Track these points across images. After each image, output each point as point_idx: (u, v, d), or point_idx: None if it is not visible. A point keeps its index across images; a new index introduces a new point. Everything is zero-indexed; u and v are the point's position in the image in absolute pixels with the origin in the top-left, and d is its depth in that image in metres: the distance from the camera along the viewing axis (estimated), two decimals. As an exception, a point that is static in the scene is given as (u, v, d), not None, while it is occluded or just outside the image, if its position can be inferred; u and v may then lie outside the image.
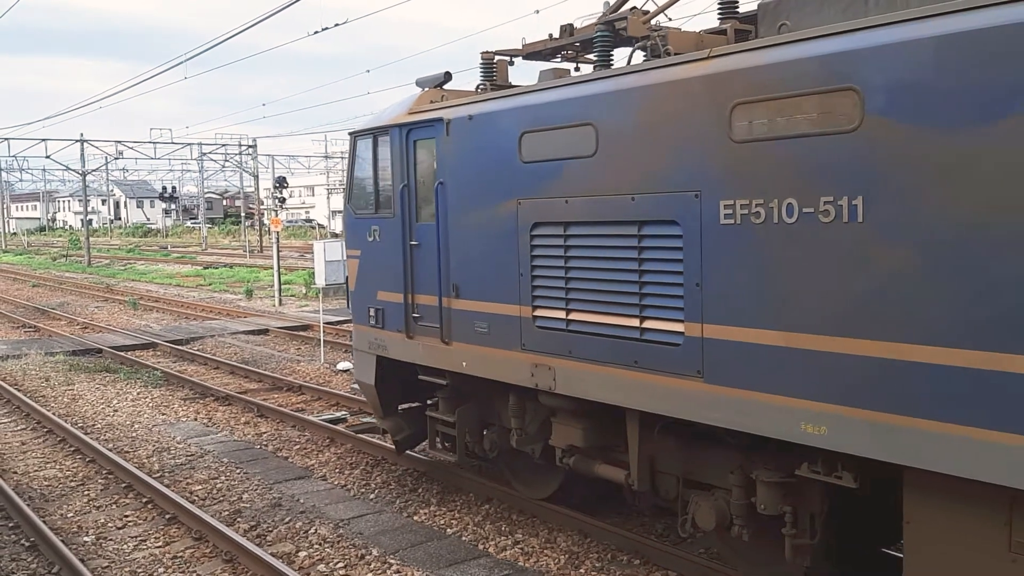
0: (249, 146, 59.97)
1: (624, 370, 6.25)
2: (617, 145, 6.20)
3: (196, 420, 12.99)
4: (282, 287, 28.08)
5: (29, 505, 9.07)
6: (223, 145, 60.37)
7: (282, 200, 26.58)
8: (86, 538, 8.36)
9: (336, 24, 22.24)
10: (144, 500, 9.31)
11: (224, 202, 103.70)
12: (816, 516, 5.80)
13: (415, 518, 8.67)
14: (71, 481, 10.15)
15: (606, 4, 7.40)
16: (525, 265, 7.04)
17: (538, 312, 6.97)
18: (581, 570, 7.35)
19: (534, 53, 8.21)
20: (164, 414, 13.36)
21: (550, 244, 6.82)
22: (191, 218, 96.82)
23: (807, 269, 5.08)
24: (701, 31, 6.98)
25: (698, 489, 6.55)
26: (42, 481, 10.17)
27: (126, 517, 8.93)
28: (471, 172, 7.56)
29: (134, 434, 12.16)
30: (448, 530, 8.32)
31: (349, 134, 9.47)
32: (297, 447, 11.33)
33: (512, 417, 7.92)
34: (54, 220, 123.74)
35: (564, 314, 6.74)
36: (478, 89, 8.36)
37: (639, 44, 6.94)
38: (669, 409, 6.02)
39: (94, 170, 63.27)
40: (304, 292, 29.50)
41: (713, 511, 6.30)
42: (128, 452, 11.23)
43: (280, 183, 26.65)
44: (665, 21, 7.32)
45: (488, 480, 9.23)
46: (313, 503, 9.11)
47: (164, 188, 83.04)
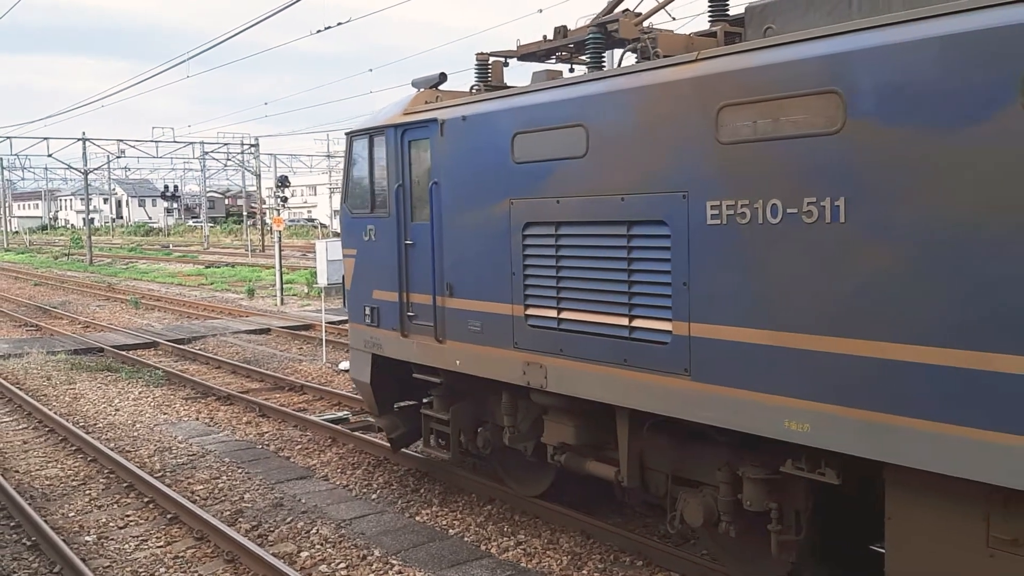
0: (251, 145, 60.12)
1: (614, 368, 6.34)
2: (607, 146, 6.28)
3: (198, 420, 13.06)
4: (284, 286, 28.19)
5: (30, 504, 9.11)
6: (225, 144, 60.57)
7: (284, 199, 26.62)
8: (87, 538, 8.40)
9: (339, 23, 22.23)
10: (145, 500, 9.36)
11: (226, 201, 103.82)
12: (801, 513, 5.88)
13: (417, 518, 8.70)
14: (72, 480, 10.21)
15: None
16: (517, 264, 7.12)
17: (530, 311, 7.06)
18: (583, 571, 7.37)
19: (528, 54, 8.29)
20: (166, 413, 13.44)
21: (542, 244, 6.90)
22: (193, 217, 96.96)
23: (791, 269, 5.17)
24: (692, 34, 7.06)
25: (687, 486, 6.64)
26: (44, 480, 10.23)
27: (127, 517, 8.97)
28: (465, 172, 7.64)
29: (135, 433, 12.23)
30: (450, 531, 8.35)
31: (346, 134, 9.56)
32: (299, 447, 11.39)
33: (505, 415, 8.00)
34: (56, 219, 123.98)
35: (555, 313, 6.83)
36: (472, 90, 8.44)
37: (629, 46, 7.02)
38: (657, 407, 6.11)
39: (96, 169, 63.49)
40: (306, 291, 29.59)
41: (701, 508, 6.39)
42: (130, 451, 11.29)
43: (282, 182, 26.67)
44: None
45: (489, 480, 9.25)
46: (315, 503, 9.15)
47: (166, 187, 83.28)
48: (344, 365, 16.18)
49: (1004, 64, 4.22)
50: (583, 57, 7.78)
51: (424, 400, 9.18)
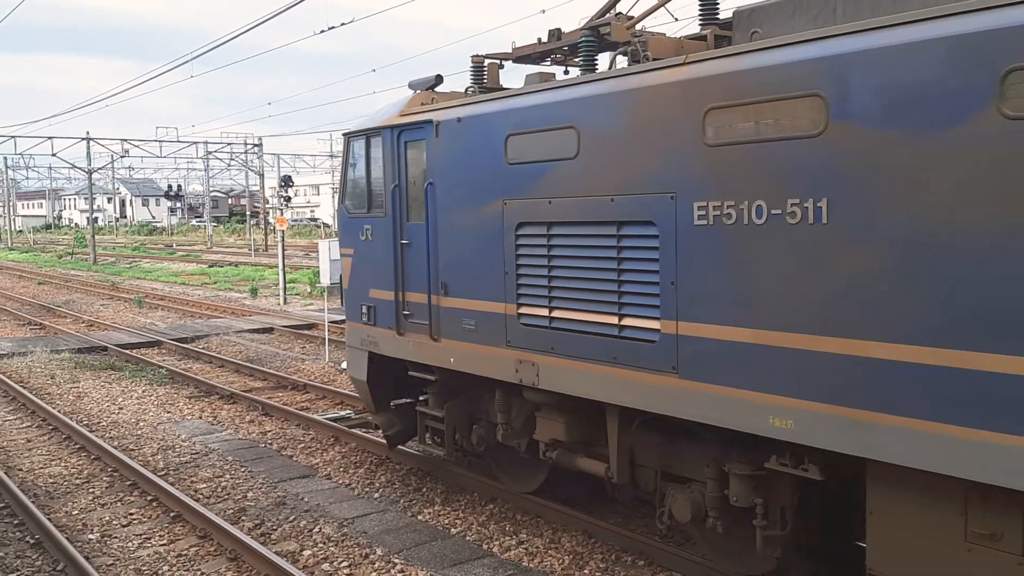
0: (255, 145, 60.28)
1: (604, 366, 6.44)
2: (598, 148, 6.38)
3: (201, 418, 13.14)
4: (287, 286, 28.30)
5: (34, 502, 9.16)
6: (229, 144, 60.74)
7: (287, 199, 26.74)
8: (91, 535, 8.46)
9: (342, 23, 22.31)
10: (149, 498, 9.42)
11: (229, 201, 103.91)
12: (786, 508, 5.98)
13: (419, 517, 8.75)
14: (76, 479, 10.27)
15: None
16: (510, 264, 7.23)
17: (522, 310, 7.16)
18: (585, 571, 7.40)
19: (523, 57, 8.39)
20: (169, 412, 13.52)
21: (534, 244, 7.01)
22: (196, 216, 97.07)
23: (775, 269, 5.26)
24: (682, 37, 7.14)
25: (675, 482, 6.74)
26: (47, 478, 10.30)
27: (131, 515, 9.03)
28: (459, 173, 7.74)
29: (139, 432, 12.31)
30: (452, 530, 8.39)
31: (343, 135, 9.65)
32: (301, 445, 11.46)
33: (498, 412, 8.11)
34: (60, 218, 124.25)
35: (547, 312, 6.93)
36: (467, 92, 8.54)
37: (620, 49, 7.12)
38: (646, 404, 6.21)
39: (100, 168, 63.73)
40: (309, 291, 29.70)
41: (689, 503, 6.49)
42: (133, 450, 11.36)
43: (285, 182, 26.79)
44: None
45: (489, 480, 9.29)
46: (317, 502, 9.20)
47: (170, 186, 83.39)
48: (346, 364, 16.26)
49: (979, 68, 4.32)
50: (576, 60, 7.88)
51: (420, 397, 9.29)
